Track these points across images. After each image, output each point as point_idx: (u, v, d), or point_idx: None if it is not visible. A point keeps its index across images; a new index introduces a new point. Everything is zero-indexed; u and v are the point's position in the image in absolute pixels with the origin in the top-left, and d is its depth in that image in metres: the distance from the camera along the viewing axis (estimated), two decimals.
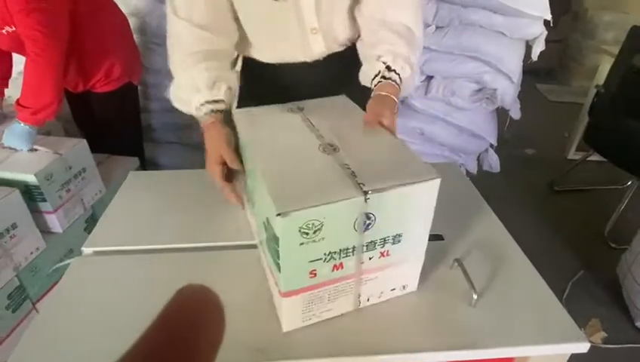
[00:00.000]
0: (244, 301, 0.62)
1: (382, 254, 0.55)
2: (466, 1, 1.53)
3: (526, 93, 2.02)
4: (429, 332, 0.58)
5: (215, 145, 0.70)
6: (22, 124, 1.22)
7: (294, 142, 0.61)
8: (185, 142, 2.18)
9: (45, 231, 1.22)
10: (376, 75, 0.76)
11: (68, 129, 1.84)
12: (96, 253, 0.72)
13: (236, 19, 0.80)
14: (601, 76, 2.09)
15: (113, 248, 0.72)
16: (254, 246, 0.72)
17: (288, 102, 0.73)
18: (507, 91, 1.68)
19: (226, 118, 0.75)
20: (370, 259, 0.55)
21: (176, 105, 0.81)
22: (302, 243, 0.47)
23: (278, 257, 0.49)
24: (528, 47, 1.68)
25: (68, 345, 0.56)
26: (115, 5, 1.51)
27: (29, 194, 1.17)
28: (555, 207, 2.16)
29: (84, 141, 1.33)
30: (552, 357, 0.60)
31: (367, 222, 0.50)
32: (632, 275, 1.52)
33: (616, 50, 1.99)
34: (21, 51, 1.26)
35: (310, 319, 0.58)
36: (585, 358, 0.61)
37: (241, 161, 0.70)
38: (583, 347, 0.58)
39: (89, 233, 1.38)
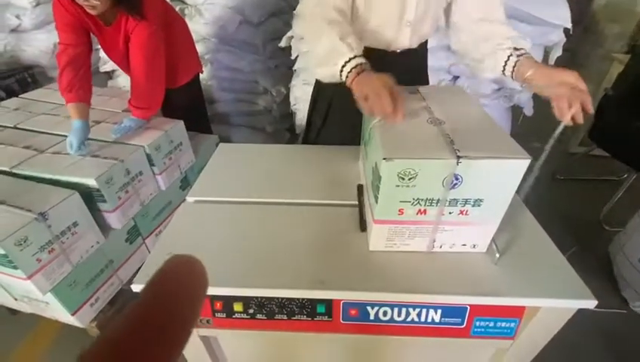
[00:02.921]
0: (310, 244, 0.63)
1: (461, 212, 0.54)
2: None
3: (536, 95, 1.87)
4: (462, 281, 0.57)
5: (381, 75, 0.60)
6: (138, 120, 1.24)
7: (408, 113, 0.60)
8: (251, 125, 2.23)
9: (154, 191, 1.29)
10: (506, 62, 0.72)
11: None
12: (196, 202, 0.75)
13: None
14: (610, 81, 1.89)
15: (208, 198, 0.75)
16: (318, 205, 0.73)
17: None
18: (523, 93, 1.56)
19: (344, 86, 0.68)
20: (450, 213, 0.55)
21: (320, 70, 0.72)
22: (397, 186, 0.50)
23: (379, 192, 0.52)
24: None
25: None
26: (178, 13, 1.50)
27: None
28: (555, 194, 2.03)
29: (181, 122, 1.38)
30: (560, 310, 0.58)
31: (455, 182, 0.50)
32: (624, 253, 1.42)
33: (625, 58, 1.80)
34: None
35: (391, 247, 0.61)
36: (577, 320, 0.58)
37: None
38: (590, 303, 0.55)
39: (183, 190, 1.46)
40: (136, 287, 0.56)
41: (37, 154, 1.12)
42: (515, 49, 0.72)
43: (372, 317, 0.61)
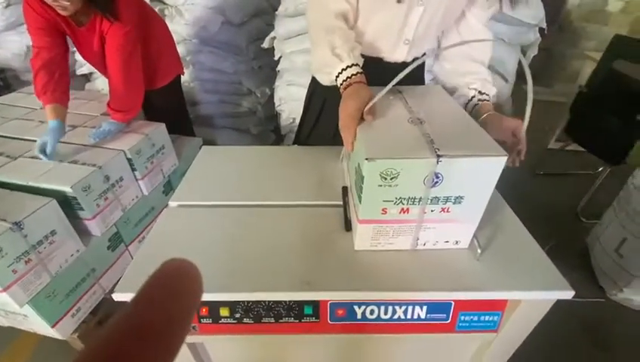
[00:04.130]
0: (296, 246, 0.63)
1: (443, 210, 0.55)
2: None
3: (515, 93, 1.93)
4: (446, 277, 0.58)
5: (364, 93, 0.61)
6: (117, 123, 1.21)
7: (390, 114, 0.62)
8: (235, 127, 2.20)
9: (137, 195, 1.26)
10: (469, 100, 0.79)
11: None
12: (180, 206, 0.74)
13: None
14: (583, 78, 1.97)
15: (191, 203, 0.74)
16: (303, 206, 0.73)
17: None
18: (503, 90, 1.61)
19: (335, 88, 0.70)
20: (432, 211, 0.55)
21: (319, 76, 0.76)
22: (380, 185, 0.51)
23: (362, 192, 0.52)
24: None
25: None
26: (157, 13, 1.47)
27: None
28: (535, 188, 2.09)
29: (163, 125, 1.35)
30: (540, 302, 0.60)
31: (436, 180, 0.51)
32: (600, 244, 1.47)
33: (598, 56, 1.87)
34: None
35: (376, 246, 0.61)
36: (556, 309, 0.59)
37: None
38: (567, 294, 0.57)
39: (166, 195, 1.43)
40: (118, 296, 0.55)
41: (10, 161, 1.08)
42: (480, 92, 0.79)
43: (359, 317, 0.62)
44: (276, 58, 1.82)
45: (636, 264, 1.31)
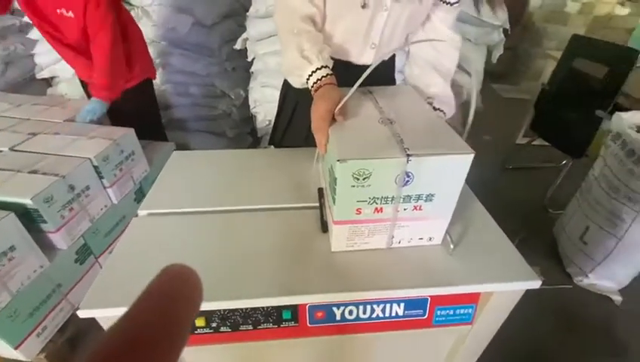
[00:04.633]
0: (272, 250, 0.62)
1: (415, 208, 0.56)
2: None
3: (484, 91, 2.00)
4: (422, 273, 0.59)
5: (334, 94, 0.62)
6: (101, 102, 1.30)
7: (361, 115, 0.62)
8: (210, 130, 2.16)
9: (106, 204, 1.21)
10: None
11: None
12: (150, 214, 0.71)
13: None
14: (546, 76, 2.07)
15: (162, 210, 0.72)
16: (279, 209, 0.72)
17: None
18: (471, 88, 1.66)
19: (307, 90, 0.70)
20: (405, 209, 0.56)
21: (290, 78, 0.76)
22: (353, 186, 0.51)
23: (335, 193, 0.52)
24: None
25: (129, 286, 0.56)
26: (131, 16, 1.48)
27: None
28: (505, 182, 2.18)
29: (132, 130, 1.30)
30: (510, 293, 0.62)
31: (407, 179, 0.51)
32: (566, 233, 1.55)
33: (558, 55, 1.97)
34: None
35: (352, 246, 0.61)
36: (527, 296, 0.62)
37: None
38: (535, 284, 0.59)
39: (138, 203, 1.38)
40: (83, 313, 0.52)
41: None
42: (434, 109, 0.81)
43: (338, 318, 0.62)
44: (249, 59, 1.80)
45: (599, 251, 1.39)
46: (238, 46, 1.79)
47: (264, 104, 1.83)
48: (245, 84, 2.00)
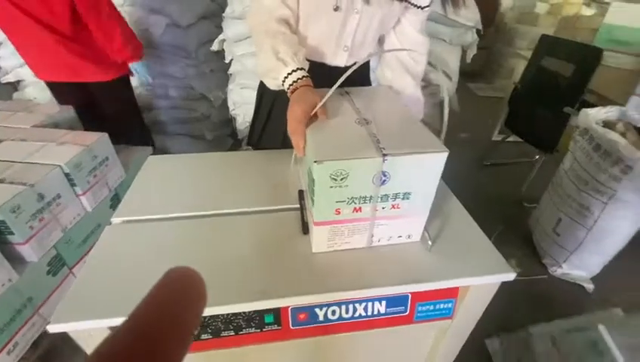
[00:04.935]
0: (252, 254, 0.62)
1: (393, 206, 0.57)
2: None
3: (460, 90, 2.06)
4: (402, 270, 0.60)
5: (310, 96, 0.62)
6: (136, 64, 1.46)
7: (338, 116, 0.62)
8: (190, 133, 2.12)
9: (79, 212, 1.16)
10: None
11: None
12: (124, 222, 0.69)
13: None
14: (518, 75, 2.14)
15: (137, 217, 0.69)
16: (260, 212, 0.71)
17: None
18: (447, 87, 1.70)
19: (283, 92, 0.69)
20: (383, 208, 0.57)
21: (266, 80, 0.75)
22: (331, 186, 0.51)
23: (314, 195, 0.52)
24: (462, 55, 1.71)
25: (104, 298, 0.54)
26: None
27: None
28: (483, 178, 2.25)
29: (106, 134, 1.26)
30: (487, 286, 0.64)
31: (383, 178, 0.52)
32: (540, 225, 1.61)
33: (529, 54, 2.05)
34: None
35: (333, 246, 0.61)
36: (505, 287, 0.64)
37: None
38: (509, 276, 0.61)
39: (114, 210, 1.33)
40: (54, 328, 0.49)
41: None
42: None
43: (321, 319, 0.62)
44: (227, 61, 1.77)
45: (571, 241, 1.45)
46: (215, 47, 1.76)
47: (243, 106, 1.81)
48: (224, 85, 1.97)
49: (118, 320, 0.50)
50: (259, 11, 0.72)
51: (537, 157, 1.96)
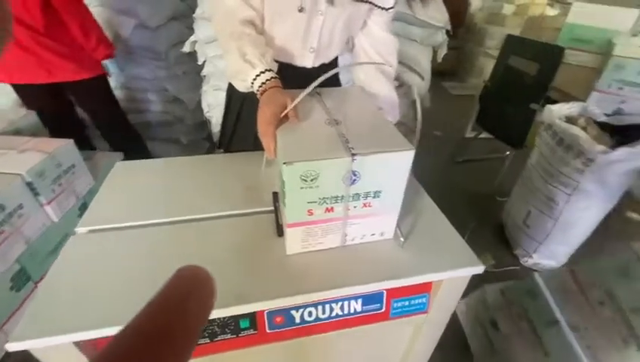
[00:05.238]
0: (226, 259, 0.61)
1: (364, 205, 0.57)
2: None
3: (435, 89, 2.11)
4: (376, 268, 0.61)
5: (280, 97, 0.61)
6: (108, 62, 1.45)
7: (308, 117, 0.62)
8: (164, 137, 2.06)
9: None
10: None
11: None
12: (90, 231, 0.66)
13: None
14: (487, 74, 2.22)
15: (104, 226, 0.67)
16: (233, 216, 0.70)
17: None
18: (420, 87, 1.74)
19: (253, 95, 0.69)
20: (355, 207, 0.57)
21: (234, 82, 0.75)
22: (302, 188, 0.51)
23: (285, 196, 0.53)
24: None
25: (68, 312, 0.52)
26: None
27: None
28: (457, 175, 2.31)
29: (72, 141, 1.21)
30: (458, 279, 0.66)
31: (354, 178, 0.53)
32: (511, 218, 1.68)
33: (497, 53, 2.13)
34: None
35: (307, 248, 0.61)
36: (480, 278, 0.66)
37: None
38: (479, 269, 0.63)
39: None
40: (12, 346, 0.47)
41: None
42: None
43: (298, 321, 0.62)
44: (200, 62, 1.74)
45: (540, 232, 1.52)
46: (186, 48, 1.72)
47: (218, 108, 1.78)
48: (198, 88, 1.93)
49: (83, 335, 0.48)
50: (222, 14, 0.71)
51: (508, 153, 2.04)
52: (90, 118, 1.61)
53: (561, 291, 0.96)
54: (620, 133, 1.36)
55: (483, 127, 2.17)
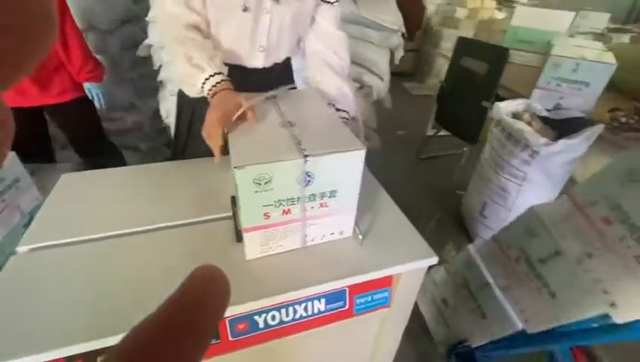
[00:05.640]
0: (181, 269, 0.59)
1: (321, 205, 0.58)
2: (344, 18, 1.57)
3: (395, 90, 2.17)
4: (337, 266, 0.62)
5: (231, 100, 0.61)
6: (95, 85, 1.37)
7: (263, 119, 0.62)
8: (122, 145, 1.96)
9: None
10: None
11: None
12: (32, 250, 0.62)
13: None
14: (443, 74, 2.32)
15: (47, 243, 0.63)
16: (191, 224, 0.68)
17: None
18: (380, 88, 1.79)
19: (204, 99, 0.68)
20: (312, 208, 0.58)
21: (184, 88, 0.74)
22: (256, 191, 0.51)
23: (240, 201, 0.52)
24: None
25: (5, 337, 0.48)
26: None
27: None
28: (419, 171, 2.40)
29: (13, 153, 1.12)
30: (415, 271, 0.68)
31: (308, 179, 0.53)
32: (468, 211, 1.77)
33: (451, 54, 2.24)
34: None
35: (267, 251, 0.61)
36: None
37: None
38: (434, 260, 0.66)
39: None
40: None
41: None
42: (337, 110, 0.82)
43: (262, 326, 0.61)
44: (156, 67, 1.67)
45: (495, 222, 1.61)
46: (141, 53, 1.65)
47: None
48: (155, 93, 1.86)
49: (24, 360, 0.45)
50: (166, 20, 0.70)
51: (465, 149, 2.15)
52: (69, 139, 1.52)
53: (489, 256, 1.08)
54: (560, 127, 1.48)
55: (441, 125, 2.27)
